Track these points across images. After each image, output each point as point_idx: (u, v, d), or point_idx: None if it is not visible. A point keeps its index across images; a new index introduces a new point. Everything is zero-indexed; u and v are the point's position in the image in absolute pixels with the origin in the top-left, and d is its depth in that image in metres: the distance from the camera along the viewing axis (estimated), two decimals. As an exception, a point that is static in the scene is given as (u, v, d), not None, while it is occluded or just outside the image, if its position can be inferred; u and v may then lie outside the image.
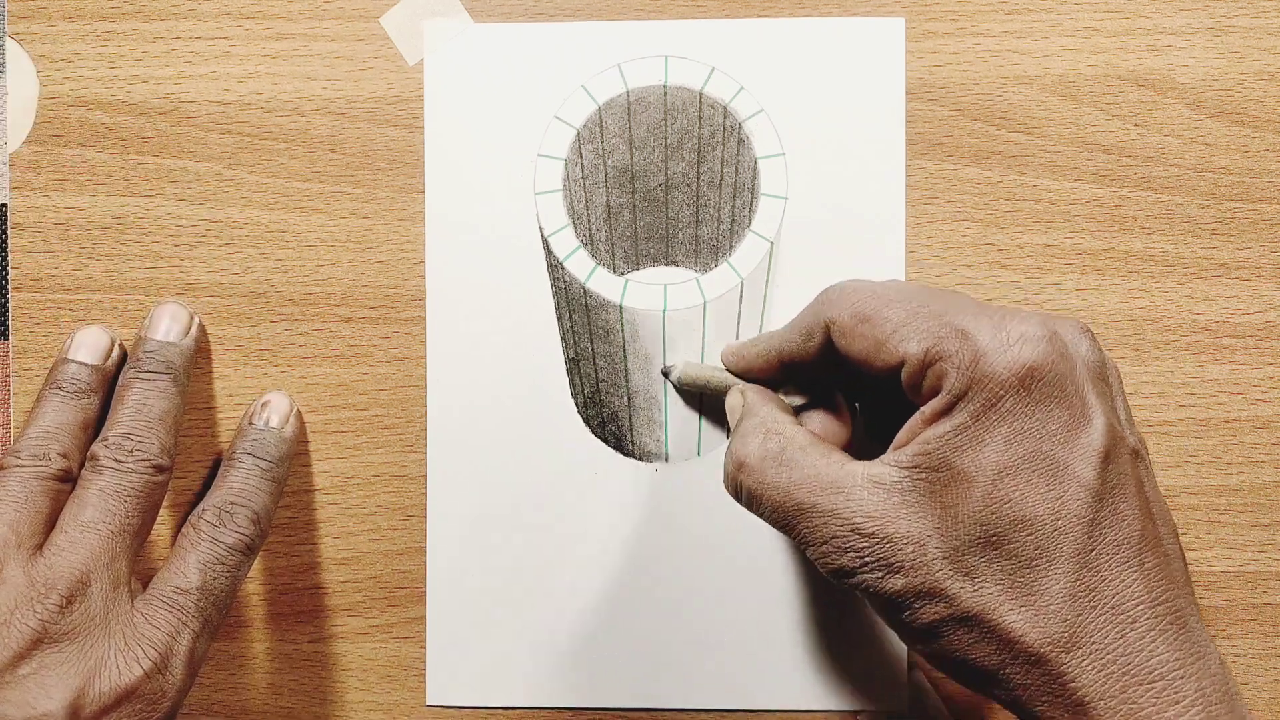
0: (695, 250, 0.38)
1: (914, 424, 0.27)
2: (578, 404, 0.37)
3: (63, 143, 0.37)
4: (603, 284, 0.36)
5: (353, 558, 0.37)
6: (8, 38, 0.37)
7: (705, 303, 0.36)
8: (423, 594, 0.37)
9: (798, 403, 0.33)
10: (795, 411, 0.32)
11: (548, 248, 0.36)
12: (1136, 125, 0.36)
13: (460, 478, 0.37)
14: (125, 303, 0.37)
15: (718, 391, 0.35)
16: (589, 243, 0.37)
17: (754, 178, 0.36)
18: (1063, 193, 0.36)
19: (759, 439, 0.29)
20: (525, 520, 0.37)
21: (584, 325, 0.37)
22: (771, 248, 0.36)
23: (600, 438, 0.37)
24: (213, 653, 0.37)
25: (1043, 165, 0.36)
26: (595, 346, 0.37)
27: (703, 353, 0.37)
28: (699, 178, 0.37)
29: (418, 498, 0.37)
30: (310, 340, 0.37)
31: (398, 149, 0.37)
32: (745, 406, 0.32)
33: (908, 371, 0.27)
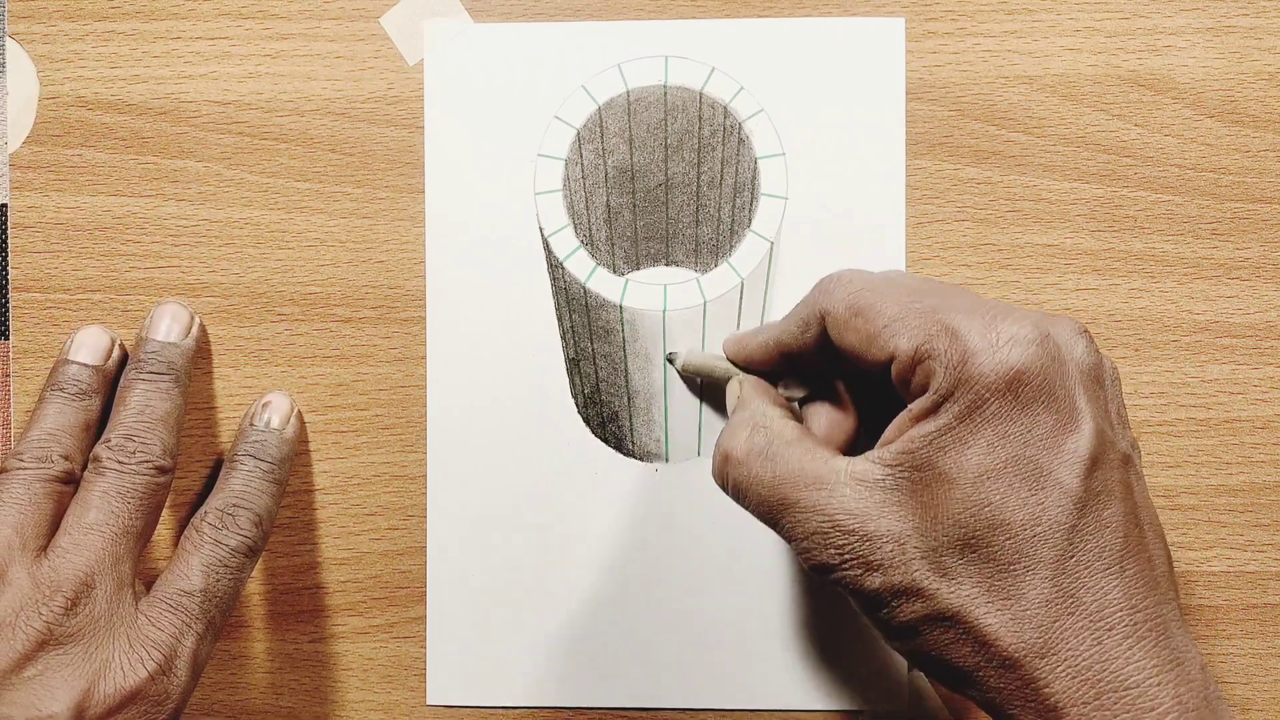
0: (695, 250, 0.38)
1: (901, 421, 0.27)
2: (578, 404, 0.37)
3: (63, 143, 0.37)
4: (603, 284, 0.36)
5: (353, 558, 0.37)
6: (8, 38, 0.37)
7: (705, 303, 0.36)
8: (423, 594, 0.37)
9: (798, 395, 0.33)
10: (799, 404, 0.32)
11: (548, 248, 0.36)
12: (1136, 125, 0.36)
13: (460, 478, 0.37)
14: (125, 303, 0.37)
15: (719, 381, 0.35)
16: (589, 243, 0.37)
17: (754, 178, 0.36)
18: (1063, 193, 0.36)
19: (746, 432, 0.29)
20: (525, 520, 0.37)
21: (584, 325, 0.37)
22: (771, 248, 0.36)
23: (600, 438, 0.37)
24: (214, 652, 0.37)
25: (1043, 165, 0.36)
26: (595, 346, 0.37)
27: (704, 351, 0.37)
28: (699, 178, 0.37)
29: (418, 498, 0.37)
30: (310, 340, 0.37)
31: (398, 149, 0.37)
32: (739, 399, 0.32)
33: (897, 368, 0.27)
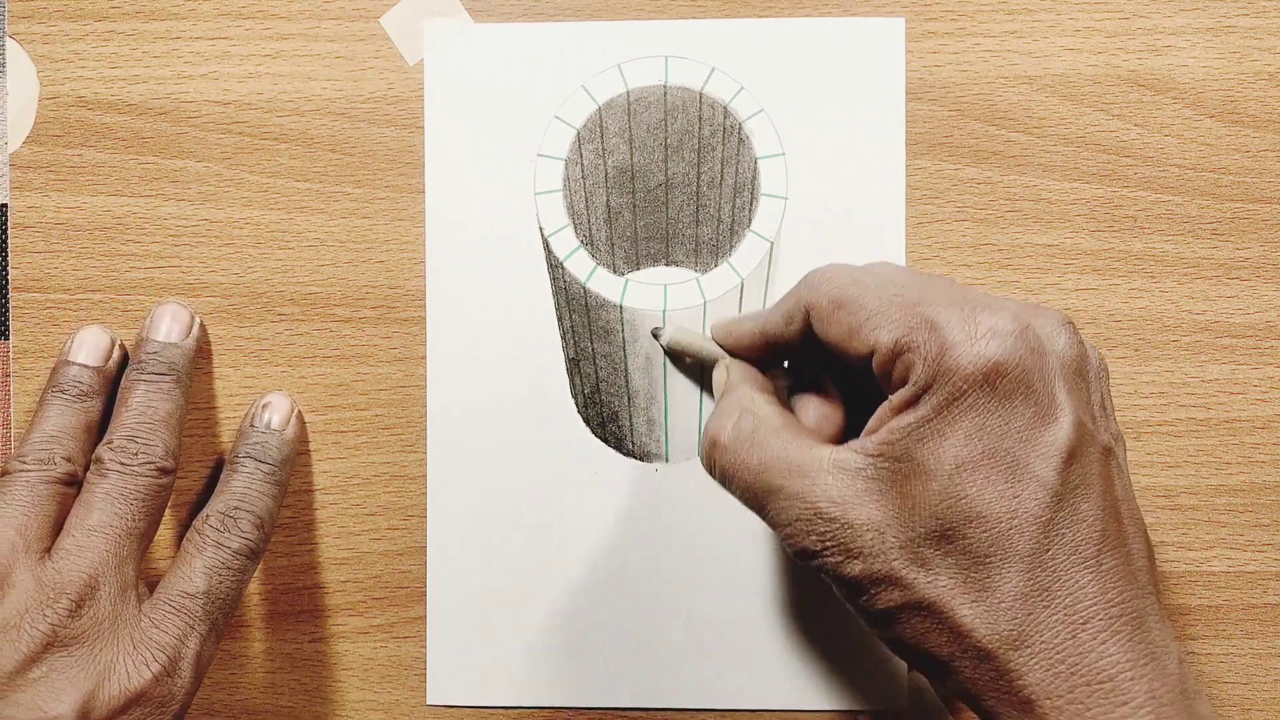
0: (695, 250, 0.38)
1: (882, 412, 0.27)
2: (578, 404, 0.37)
3: (63, 143, 0.37)
4: (603, 284, 0.36)
5: (353, 557, 0.37)
6: (8, 38, 0.37)
7: (705, 303, 0.36)
8: (423, 594, 0.37)
9: (783, 385, 0.33)
10: (788, 395, 0.32)
11: (548, 248, 0.36)
12: (1136, 125, 0.36)
13: (460, 478, 0.37)
14: (125, 303, 0.37)
15: (705, 362, 0.35)
16: (589, 243, 0.37)
17: (754, 178, 0.36)
18: (1063, 193, 0.36)
19: (734, 418, 0.30)
20: (525, 520, 0.37)
21: (584, 325, 0.37)
22: (771, 248, 0.36)
23: (600, 438, 0.37)
24: (214, 652, 0.37)
25: (1043, 165, 0.36)
26: (595, 346, 0.37)
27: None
28: (699, 178, 0.37)
29: (418, 498, 0.37)
30: (310, 340, 0.37)
31: (398, 149, 0.37)
32: (727, 384, 0.32)
33: (878, 360, 0.27)
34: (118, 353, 0.36)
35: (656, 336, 0.36)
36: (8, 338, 0.37)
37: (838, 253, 0.36)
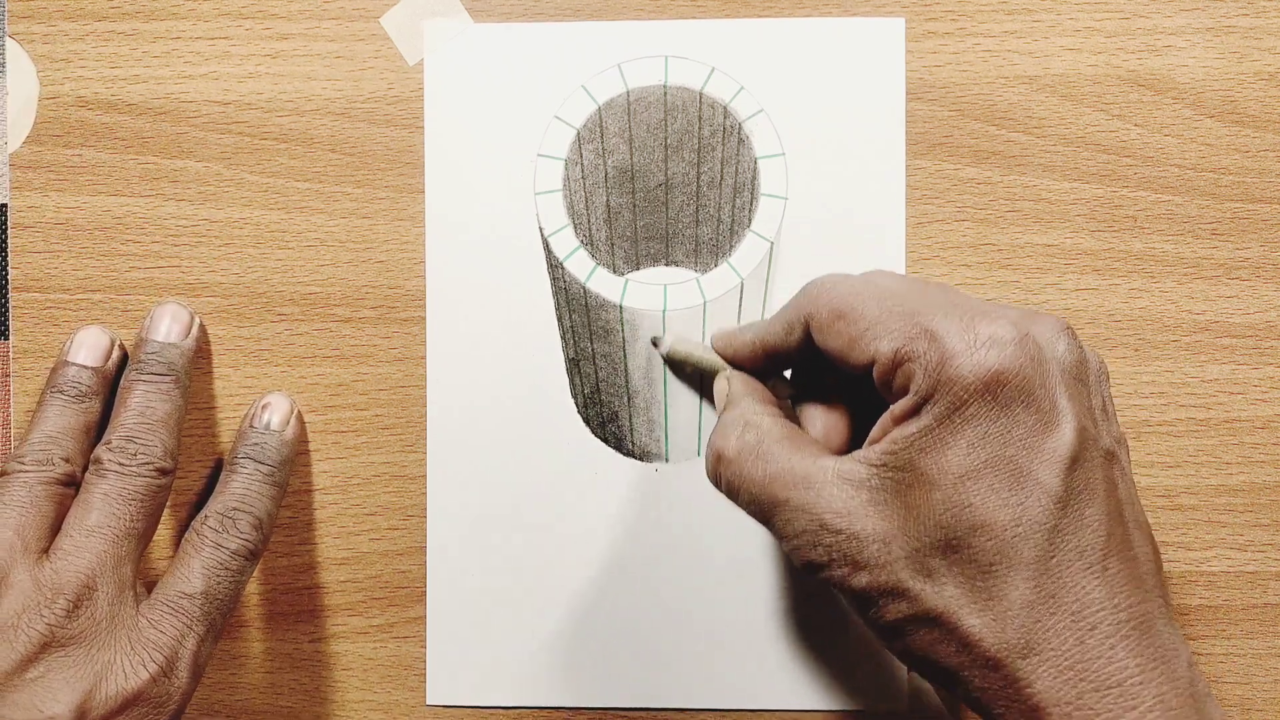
0: (695, 250, 0.38)
1: (885, 422, 0.27)
2: (578, 404, 0.37)
3: (63, 143, 0.37)
4: (603, 284, 0.36)
5: (353, 557, 0.37)
6: (8, 38, 0.37)
7: (705, 303, 0.36)
8: (423, 594, 0.37)
9: (785, 395, 0.33)
10: (794, 403, 0.32)
11: (548, 248, 0.36)
12: (1136, 125, 0.36)
13: (460, 478, 0.37)
14: (125, 303, 0.37)
15: (706, 372, 0.35)
16: (589, 243, 0.37)
17: (754, 178, 0.36)
18: (1063, 193, 0.36)
19: (737, 431, 0.30)
20: (525, 520, 0.37)
21: (584, 325, 0.37)
22: (771, 248, 0.36)
23: (600, 438, 0.37)
24: (214, 652, 0.37)
25: (1043, 165, 0.36)
26: (595, 346, 0.37)
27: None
28: (699, 178, 0.37)
29: (418, 498, 0.37)
30: (310, 340, 0.37)
31: (398, 149, 0.37)
32: (729, 396, 0.32)
33: (878, 370, 0.27)
34: (117, 353, 0.36)
35: (656, 345, 0.36)
36: (8, 338, 0.37)
37: (838, 252, 0.36)
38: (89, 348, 0.35)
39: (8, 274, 0.37)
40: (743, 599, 0.37)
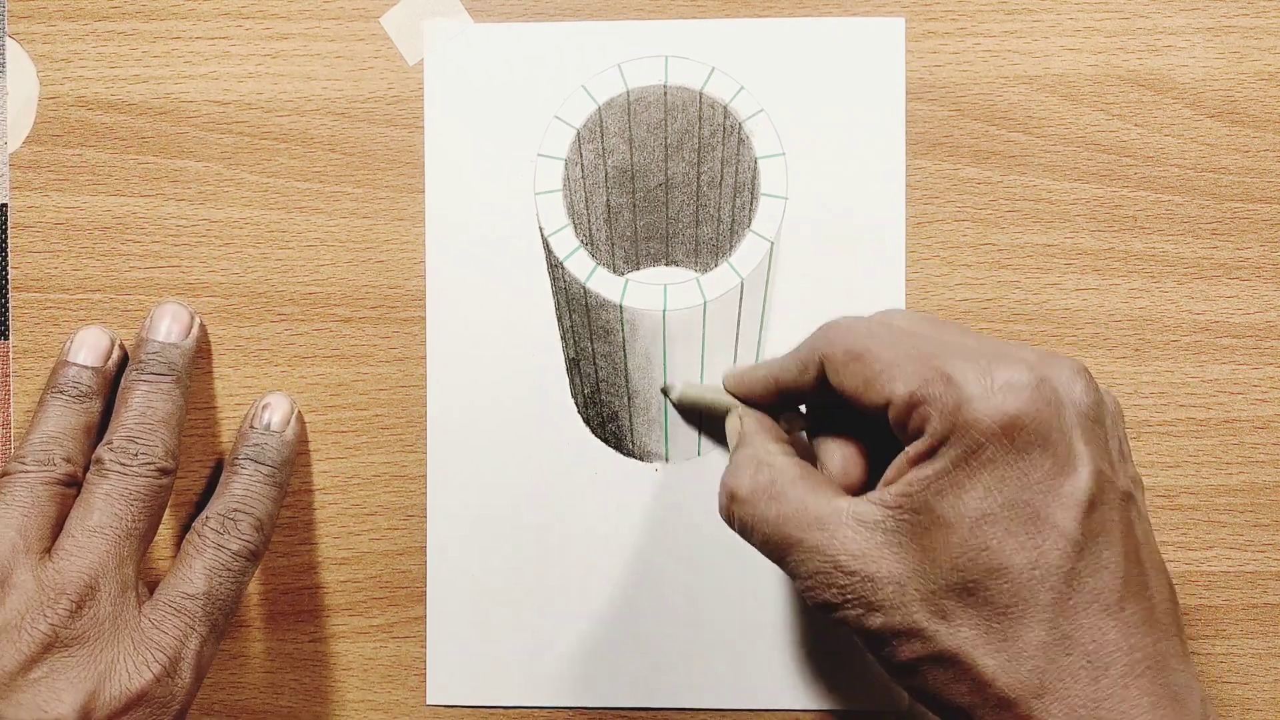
0: (695, 250, 0.38)
1: (900, 463, 0.27)
2: (578, 404, 0.37)
3: (63, 143, 0.37)
4: (603, 284, 0.36)
5: (353, 557, 0.37)
6: (8, 38, 0.37)
7: (705, 303, 0.36)
8: (423, 594, 0.37)
9: (799, 428, 0.33)
10: (806, 435, 0.32)
11: (548, 248, 0.36)
12: (1136, 125, 0.36)
13: (460, 478, 0.37)
14: (125, 303, 0.37)
15: (717, 413, 0.34)
16: (589, 243, 0.37)
17: (754, 178, 0.36)
18: (1063, 193, 0.36)
19: (750, 470, 0.30)
20: (525, 520, 0.37)
21: (584, 325, 0.37)
22: (771, 248, 0.36)
23: (600, 438, 0.37)
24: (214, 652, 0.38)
25: (1043, 165, 0.36)
26: (595, 346, 0.37)
27: (702, 352, 0.37)
28: (699, 178, 0.37)
29: (418, 498, 0.37)
30: (310, 340, 0.37)
31: (398, 149, 0.37)
32: (741, 435, 0.32)
33: (894, 412, 0.27)
34: (117, 353, 0.36)
35: (666, 394, 0.36)
36: (8, 338, 0.37)
37: (838, 252, 0.36)
38: (89, 348, 0.35)
39: (8, 274, 0.37)
40: (743, 599, 0.37)
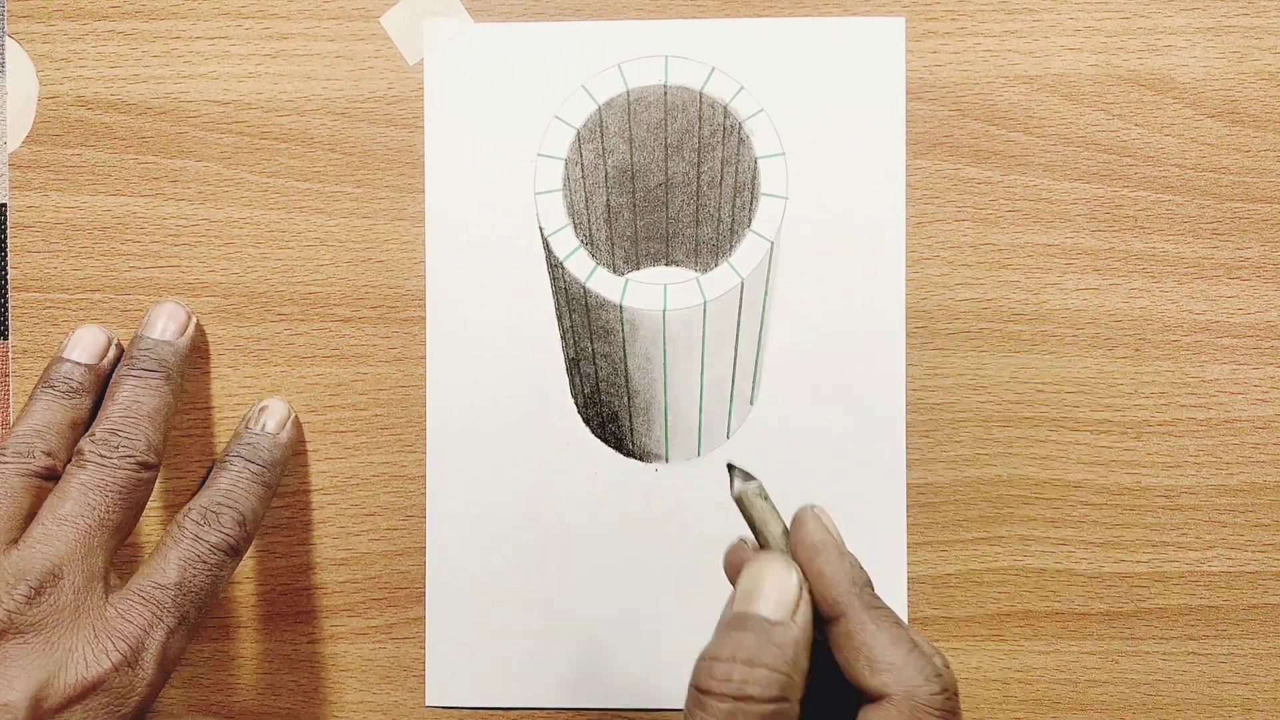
0: (695, 250, 0.38)
1: None
2: (578, 404, 0.37)
3: (63, 143, 0.37)
4: (603, 284, 0.36)
5: (352, 558, 0.37)
6: (8, 38, 0.37)
7: (705, 303, 0.36)
8: (423, 594, 0.37)
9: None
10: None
11: (548, 248, 0.36)
12: (1136, 125, 0.36)
13: (460, 478, 0.37)
14: (124, 302, 0.37)
15: (757, 534, 0.29)
16: (589, 242, 0.37)
17: (754, 177, 0.36)
18: (1063, 193, 0.36)
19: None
20: (525, 520, 0.37)
21: (584, 325, 0.37)
22: (771, 248, 0.36)
23: (600, 438, 0.37)
24: (211, 654, 0.37)
25: (1043, 165, 0.36)
26: (595, 346, 0.37)
27: (702, 352, 0.37)
28: (699, 177, 0.37)
29: (418, 498, 0.37)
30: (310, 340, 0.37)
31: (398, 149, 0.37)
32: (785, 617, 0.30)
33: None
34: (113, 351, 0.35)
35: (731, 475, 0.29)
36: (7, 338, 0.37)
37: (838, 253, 0.36)
38: (85, 345, 0.35)
39: (7, 274, 0.37)
40: (743, 599, 0.37)
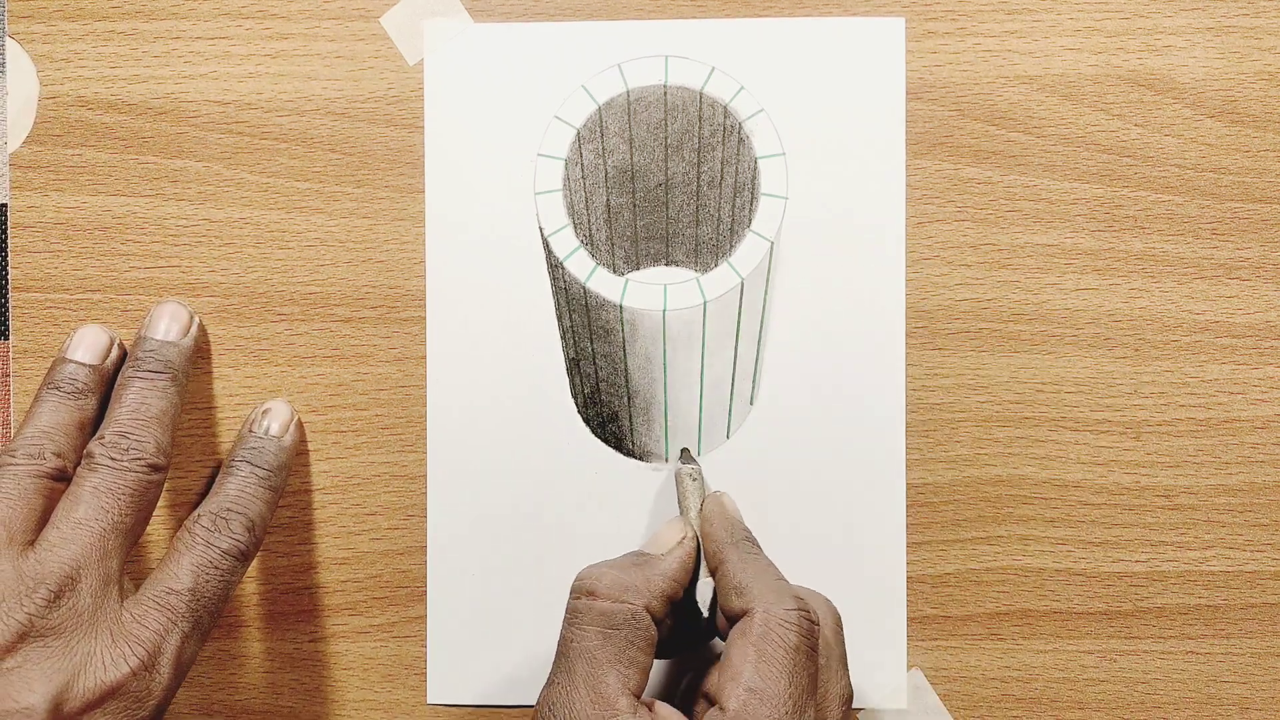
0: (695, 250, 0.38)
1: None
2: (578, 404, 0.37)
3: (63, 143, 0.37)
4: (603, 284, 0.36)
5: (353, 557, 0.37)
6: (8, 38, 0.37)
7: (705, 303, 0.36)
8: (423, 593, 0.37)
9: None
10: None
11: (548, 248, 0.36)
12: (1136, 125, 0.36)
13: (460, 478, 0.37)
14: (125, 302, 0.37)
15: (680, 502, 0.36)
16: (589, 243, 0.37)
17: (754, 177, 0.36)
18: (1063, 193, 0.36)
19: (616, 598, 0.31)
20: (525, 520, 0.37)
21: (584, 325, 0.37)
22: (771, 248, 0.36)
23: (600, 438, 0.37)
24: (213, 653, 0.38)
25: (1043, 165, 0.36)
26: (595, 346, 0.37)
27: (702, 352, 0.37)
28: (699, 177, 0.37)
29: (418, 498, 0.37)
30: (310, 340, 0.37)
31: (398, 149, 0.37)
32: (668, 551, 0.33)
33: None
34: (116, 352, 0.36)
35: (680, 457, 0.37)
36: (8, 338, 0.37)
37: (838, 253, 0.36)
38: (88, 345, 0.35)
39: (8, 274, 0.37)
40: (743, 599, 0.37)
